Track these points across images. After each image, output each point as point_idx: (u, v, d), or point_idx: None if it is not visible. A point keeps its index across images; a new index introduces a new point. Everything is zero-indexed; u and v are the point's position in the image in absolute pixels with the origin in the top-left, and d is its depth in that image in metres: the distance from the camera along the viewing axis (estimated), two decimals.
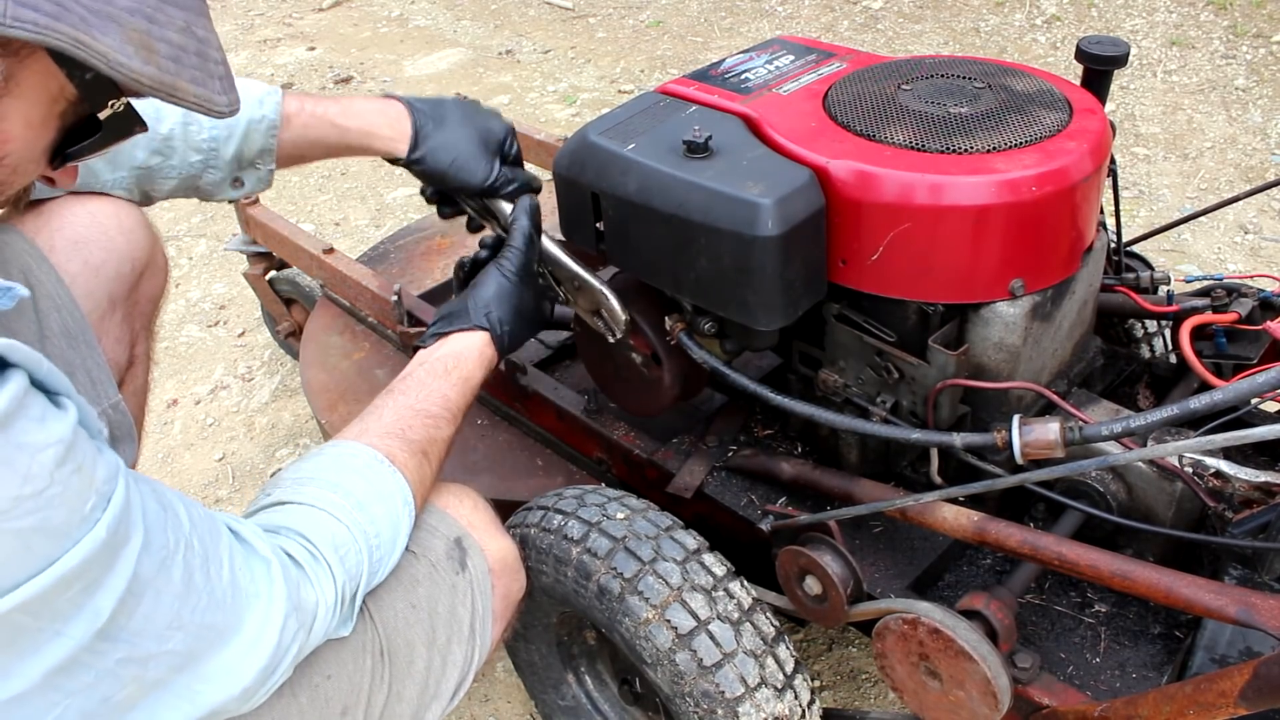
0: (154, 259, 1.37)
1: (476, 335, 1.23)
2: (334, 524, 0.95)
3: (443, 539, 1.11)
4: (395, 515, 1.02)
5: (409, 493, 1.05)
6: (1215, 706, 0.92)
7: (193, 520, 0.81)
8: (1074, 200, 1.13)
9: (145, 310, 1.39)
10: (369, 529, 0.98)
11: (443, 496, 1.17)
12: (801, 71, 1.34)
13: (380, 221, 3.17)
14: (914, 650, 1.11)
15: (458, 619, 1.08)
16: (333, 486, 0.99)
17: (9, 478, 0.65)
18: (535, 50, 4.32)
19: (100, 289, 1.26)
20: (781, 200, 1.10)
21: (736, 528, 1.36)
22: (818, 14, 4.30)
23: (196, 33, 0.74)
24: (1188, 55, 3.64)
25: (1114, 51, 1.32)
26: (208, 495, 2.21)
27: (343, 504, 0.97)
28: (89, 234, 1.25)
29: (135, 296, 1.34)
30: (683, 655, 1.14)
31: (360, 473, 1.02)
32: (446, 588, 1.08)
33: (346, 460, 1.04)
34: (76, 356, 1.07)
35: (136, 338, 1.37)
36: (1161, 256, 2.69)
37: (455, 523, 1.14)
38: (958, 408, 1.24)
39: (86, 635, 0.72)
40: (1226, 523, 1.12)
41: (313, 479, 1.00)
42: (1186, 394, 1.34)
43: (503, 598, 1.16)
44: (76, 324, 1.10)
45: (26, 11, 0.63)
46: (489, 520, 1.19)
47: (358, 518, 0.97)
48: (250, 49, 4.56)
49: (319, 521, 0.95)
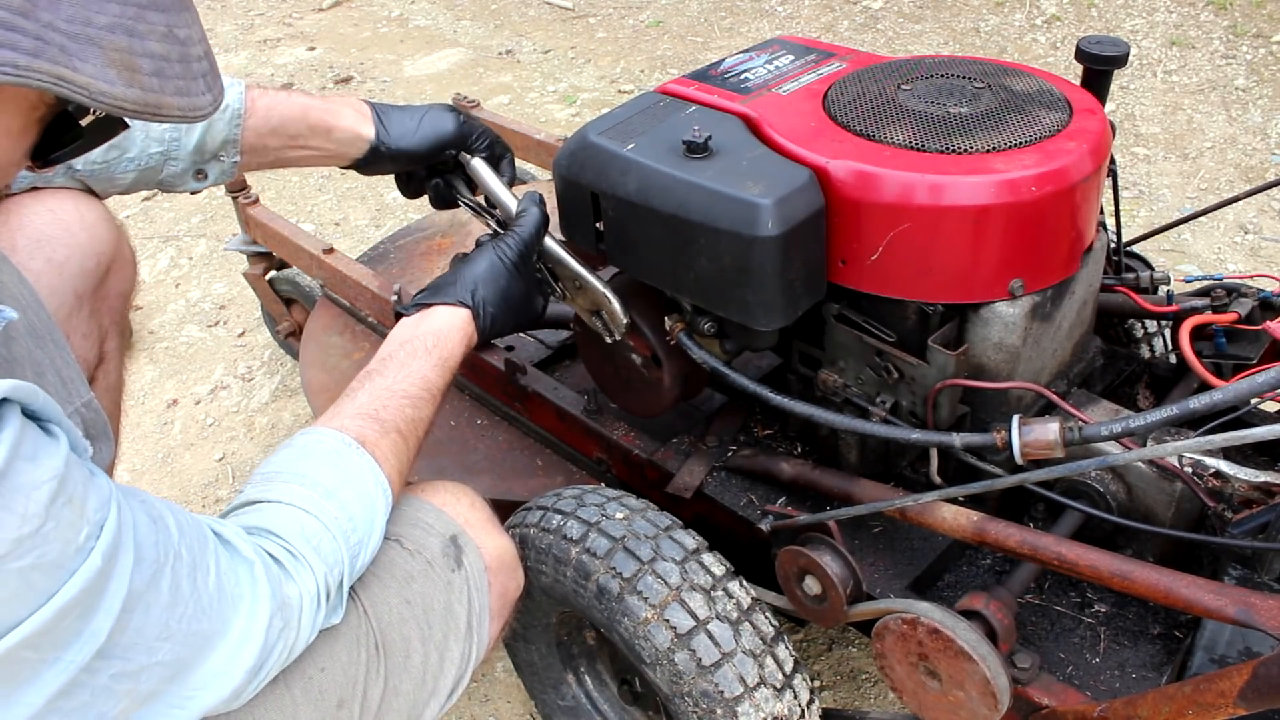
0: (120, 253, 1.36)
1: (459, 312, 1.22)
2: (303, 517, 0.95)
3: (438, 536, 1.11)
4: (368, 497, 1.01)
5: (379, 473, 1.04)
6: (1214, 707, 0.92)
7: (181, 529, 0.81)
8: (1074, 200, 1.13)
9: (114, 305, 1.37)
10: (339, 515, 0.97)
11: (439, 494, 1.17)
12: (801, 71, 1.34)
13: (380, 221, 3.16)
14: (913, 650, 1.11)
15: (454, 615, 1.08)
16: (299, 478, 0.98)
17: (8, 521, 0.66)
18: (535, 50, 4.32)
19: (65, 286, 1.25)
20: (781, 200, 1.10)
21: (736, 528, 1.36)
22: (818, 14, 4.30)
23: (178, 34, 0.73)
24: (1188, 55, 3.64)
25: (1114, 51, 1.32)
26: (208, 495, 2.21)
27: (309, 495, 0.97)
28: (50, 231, 1.24)
29: (103, 292, 1.33)
30: (682, 655, 1.14)
31: (327, 459, 1.01)
32: (442, 584, 1.08)
33: (312, 448, 1.03)
34: (45, 356, 1.06)
35: (106, 334, 1.35)
36: (1161, 256, 2.69)
37: (451, 520, 1.13)
38: (957, 408, 1.24)
39: (85, 657, 0.72)
40: (1226, 523, 1.12)
41: (279, 473, 0.99)
42: (1186, 394, 1.34)
43: (500, 595, 1.16)
44: (43, 324, 1.09)
45: (5, 52, 0.62)
46: (486, 518, 1.19)
47: (327, 507, 0.96)
48: (250, 49, 4.56)
49: (288, 517, 0.95)
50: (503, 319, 1.27)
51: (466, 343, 1.22)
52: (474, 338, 1.24)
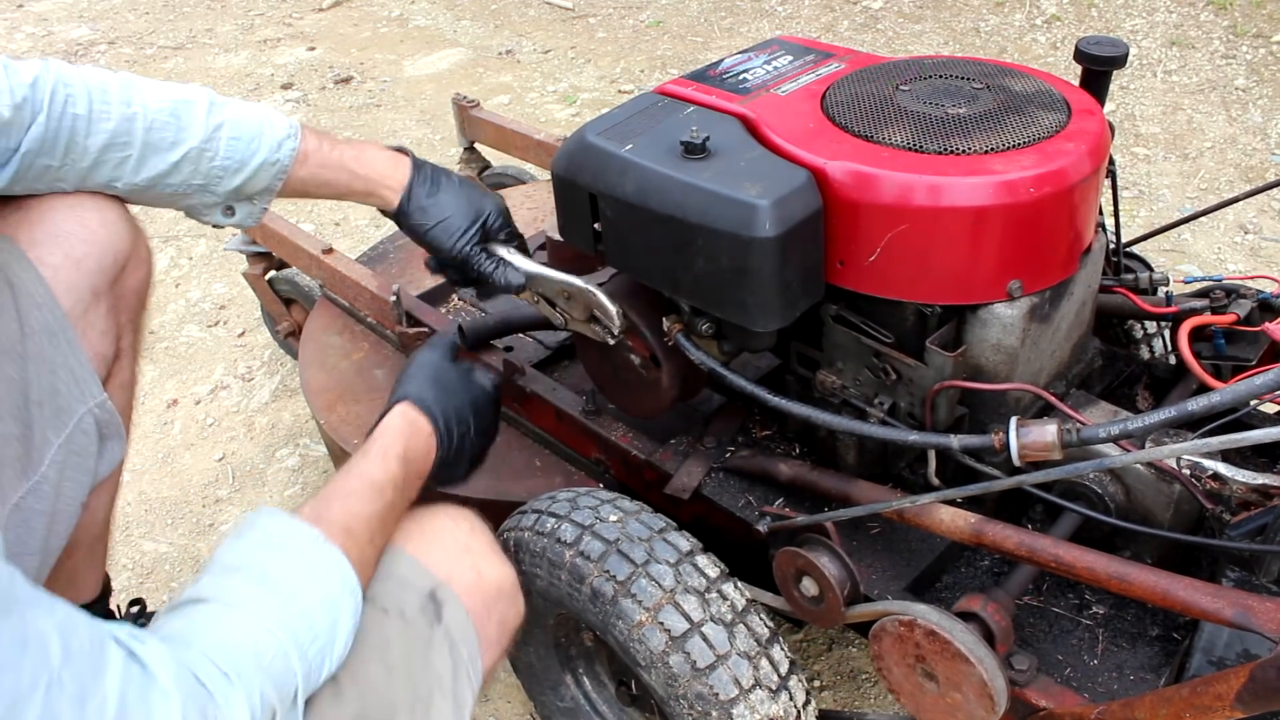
0: (136, 251, 1.36)
1: (394, 410, 1.18)
2: (254, 628, 0.86)
3: (416, 592, 1.06)
4: (332, 601, 0.93)
5: (349, 572, 0.96)
6: (1212, 709, 0.92)
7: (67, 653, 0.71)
8: (1072, 201, 1.13)
9: (130, 303, 1.38)
10: (298, 626, 0.89)
11: (436, 521, 1.14)
12: (800, 72, 1.34)
13: (380, 221, 3.16)
14: (911, 652, 1.10)
15: (435, 672, 1.03)
16: (260, 578, 0.90)
17: None
18: (535, 50, 4.32)
19: (83, 282, 1.24)
20: (779, 201, 1.10)
21: (734, 529, 1.35)
22: (818, 14, 4.30)
23: None
24: (1188, 55, 3.64)
25: (1113, 52, 1.32)
26: (207, 495, 2.21)
27: (269, 600, 0.88)
28: (70, 227, 1.24)
29: (119, 289, 1.33)
30: (676, 658, 1.13)
31: (294, 554, 0.94)
32: (421, 643, 1.03)
33: (279, 540, 0.95)
34: (58, 354, 1.05)
35: (122, 331, 1.35)
36: (1161, 257, 2.69)
37: (429, 573, 1.08)
38: (955, 409, 1.24)
39: None
40: (1224, 525, 1.12)
41: (240, 568, 0.91)
42: (1185, 396, 1.34)
43: (499, 624, 1.13)
44: (57, 321, 1.08)
45: None
46: (488, 545, 1.16)
47: (286, 616, 0.88)
48: (250, 49, 4.56)
49: (236, 628, 0.86)
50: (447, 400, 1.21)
51: (410, 429, 1.16)
52: (422, 424, 1.18)
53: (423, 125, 3.76)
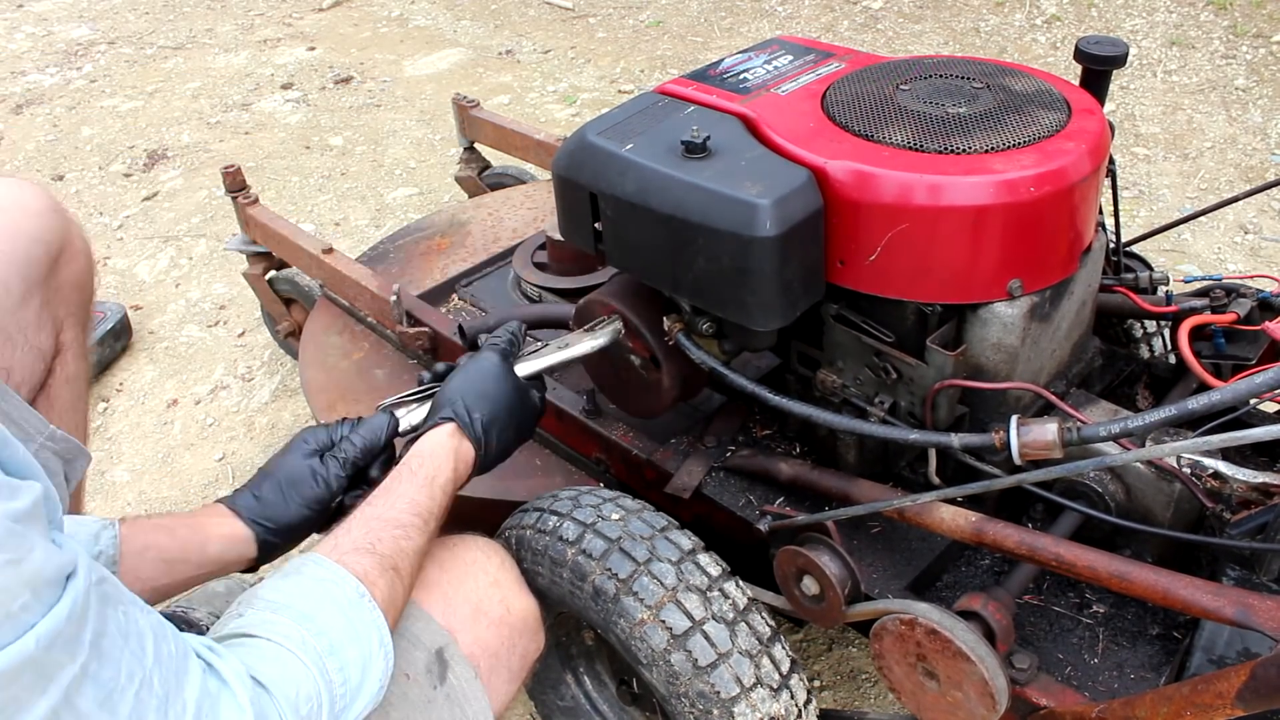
0: (69, 241, 1.33)
1: (443, 428, 1.16)
2: (300, 669, 0.87)
3: (424, 651, 1.05)
4: (367, 658, 0.93)
5: (386, 633, 0.96)
6: (1213, 708, 0.92)
7: (159, 656, 0.72)
8: (1072, 201, 1.13)
9: (69, 296, 1.34)
10: (336, 677, 0.89)
11: (468, 553, 1.13)
12: (800, 71, 1.34)
13: (380, 221, 3.16)
14: (911, 651, 1.10)
15: None
16: (307, 620, 0.90)
17: None
18: (535, 50, 4.32)
19: (12, 275, 1.22)
20: (779, 201, 1.10)
21: (735, 528, 1.35)
22: (818, 14, 4.30)
23: None
24: (1188, 55, 3.64)
25: (1112, 52, 1.32)
26: (208, 495, 2.21)
27: (314, 645, 0.88)
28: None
29: (54, 282, 1.30)
30: (678, 656, 1.13)
31: (340, 607, 0.94)
32: (422, 704, 1.03)
33: (328, 589, 0.95)
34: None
35: (62, 325, 1.32)
36: (1161, 256, 2.69)
37: (440, 630, 1.08)
38: (956, 408, 1.24)
39: None
40: (1224, 523, 1.12)
41: (288, 606, 0.91)
42: (1185, 394, 1.34)
43: (521, 656, 1.15)
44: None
45: None
46: (515, 579, 1.18)
47: (328, 664, 0.89)
48: (250, 49, 4.56)
49: (285, 665, 0.86)
50: (497, 421, 1.19)
51: (456, 457, 1.14)
52: (466, 449, 1.16)
53: (423, 125, 3.76)
